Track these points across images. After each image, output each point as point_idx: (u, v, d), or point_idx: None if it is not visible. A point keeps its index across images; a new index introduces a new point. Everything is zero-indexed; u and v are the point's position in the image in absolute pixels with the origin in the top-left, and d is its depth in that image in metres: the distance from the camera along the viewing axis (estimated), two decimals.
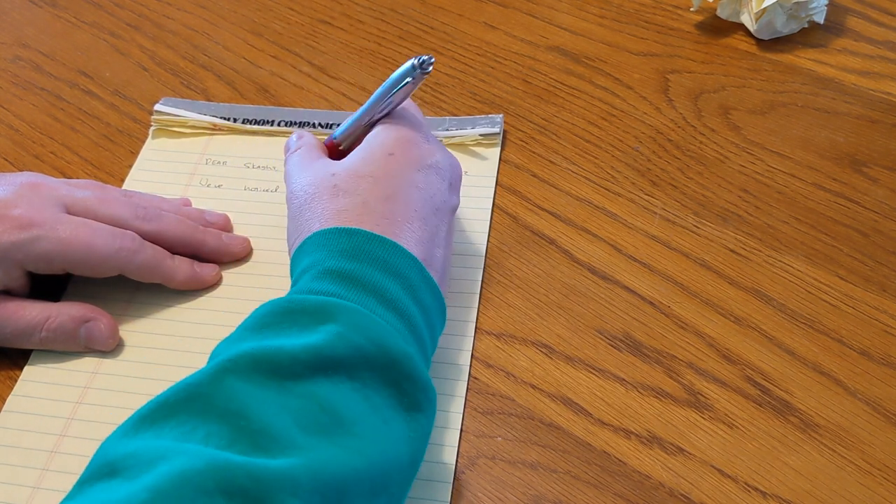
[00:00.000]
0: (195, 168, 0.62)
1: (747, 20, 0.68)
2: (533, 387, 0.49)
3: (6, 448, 0.47)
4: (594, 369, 0.50)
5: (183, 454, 0.33)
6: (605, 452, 0.46)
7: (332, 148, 0.55)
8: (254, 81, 0.68)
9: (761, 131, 0.62)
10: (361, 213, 0.46)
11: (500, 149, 0.62)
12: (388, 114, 0.52)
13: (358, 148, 0.51)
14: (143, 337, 0.52)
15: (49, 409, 0.49)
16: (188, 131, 0.64)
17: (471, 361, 0.50)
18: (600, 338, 0.51)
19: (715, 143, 0.61)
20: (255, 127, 0.64)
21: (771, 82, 0.66)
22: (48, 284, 0.53)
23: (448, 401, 0.48)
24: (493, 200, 0.59)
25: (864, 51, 0.67)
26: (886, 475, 0.45)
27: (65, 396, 0.49)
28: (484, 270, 0.55)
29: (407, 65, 0.50)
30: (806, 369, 0.49)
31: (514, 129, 0.64)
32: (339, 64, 0.70)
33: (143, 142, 0.64)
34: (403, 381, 0.40)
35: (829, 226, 0.56)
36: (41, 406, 0.49)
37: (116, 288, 0.53)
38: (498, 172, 0.60)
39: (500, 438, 0.47)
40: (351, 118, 0.54)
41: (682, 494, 0.45)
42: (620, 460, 0.46)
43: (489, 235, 0.57)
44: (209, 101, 0.67)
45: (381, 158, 0.49)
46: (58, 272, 0.51)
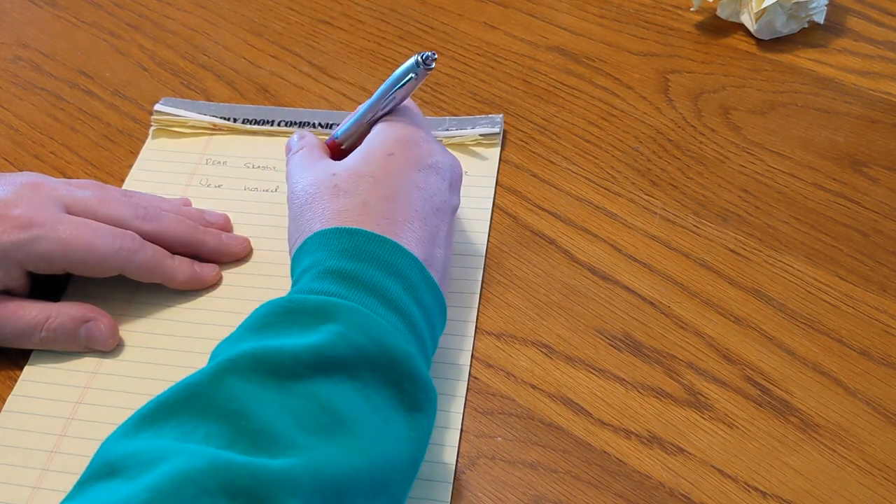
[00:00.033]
0: (195, 168, 0.62)
1: (747, 20, 0.68)
2: (533, 387, 0.49)
3: (6, 448, 0.47)
4: (594, 369, 0.50)
5: (183, 454, 0.33)
6: (605, 452, 0.46)
7: (334, 147, 0.55)
8: (254, 81, 0.68)
9: (761, 131, 0.62)
10: (362, 213, 0.46)
11: (500, 149, 0.62)
12: (390, 112, 0.52)
13: (358, 148, 0.51)
14: (143, 337, 0.52)
15: (49, 409, 0.49)
16: (188, 131, 0.64)
17: (471, 361, 0.50)
18: (600, 338, 0.51)
19: (715, 143, 0.61)
20: (255, 127, 0.64)
21: (771, 82, 0.66)
22: (48, 284, 0.53)
23: (448, 401, 0.48)
24: (493, 200, 0.59)
25: (864, 51, 0.67)
26: (886, 475, 0.45)
27: (65, 396, 0.49)
28: (484, 270, 0.55)
29: (410, 61, 0.50)
30: (806, 369, 0.49)
31: (514, 129, 0.64)
32: (339, 64, 0.70)
33: (143, 142, 0.64)
34: (404, 381, 0.40)
35: (829, 226, 0.56)
36: (41, 406, 0.49)
37: (116, 288, 0.53)
38: (498, 172, 0.60)
39: (500, 438, 0.47)
40: (353, 117, 0.54)
41: (682, 494, 0.45)
42: (620, 460, 0.46)
43: (489, 235, 0.57)
44: (209, 101, 0.67)
45: (382, 158, 0.49)
46: (58, 272, 0.51)
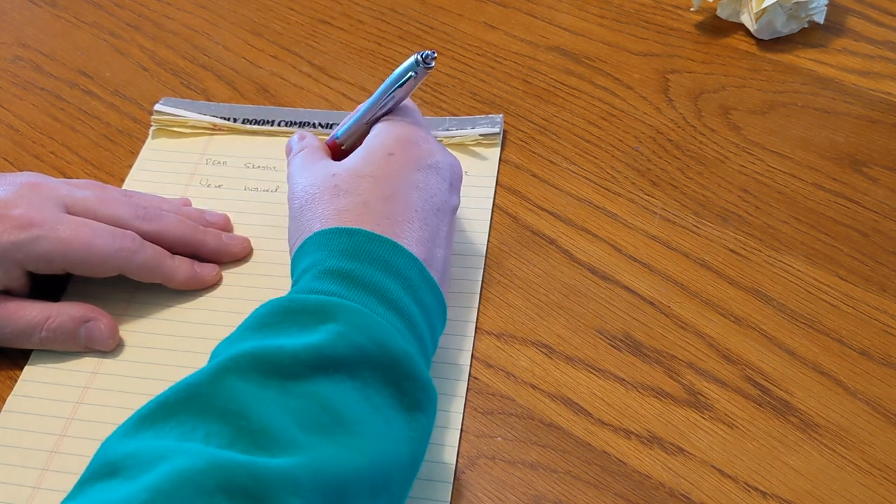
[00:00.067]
0: (195, 168, 0.62)
1: (747, 20, 0.68)
2: (533, 387, 0.49)
3: (6, 448, 0.47)
4: (594, 369, 0.50)
5: (183, 454, 0.33)
6: (605, 452, 0.46)
7: (335, 148, 0.55)
8: (254, 81, 0.68)
9: (761, 131, 0.62)
10: (362, 213, 0.46)
11: (500, 149, 0.62)
12: (390, 111, 0.52)
13: (358, 148, 0.51)
14: (143, 337, 0.52)
15: (49, 409, 0.49)
16: (188, 131, 0.64)
17: (471, 361, 0.50)
18: (600, 338, 0.51)
19: (715, 143, 0.61)
20: (255, 127, 0.64)
21: (771, 82, 0.66)
22: (48, 284, 0.53)
23: (448, 401, 0.48)
24: (493, 200, 0.59)
25: (864, 51, 0.67)
26: (886, 475, 0.45)
27: (65, 396, 0.49)
28: (484, 270, 0.55)
29: (409, 60, 0.51)
30: (806, 369, 0.49)
31: (514, 129, 0.64)
32: (339, 64, 0.70)
33: (143, 142, 0.64)
34: (404, 381, 0.40)
35: (829, 226, 0.56)
36: (41, 406, 0.49)
37: (116, 288, 0.53)
38: (498, 172, 0.60)
39: (500, 438, 0.47)
40: (352, 117, 0.54)
41: (682, 494, 0.45)
42: (620, 460, 0.46)
43: (489, 235, 0.57)
44: (209, 101, 0.67)
45: (382, 158, 0.49)
46: (58, 272, 0.51)
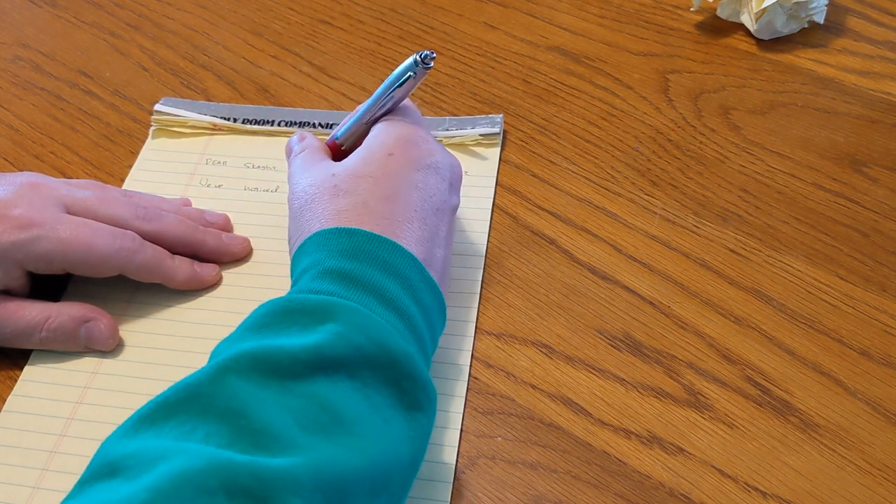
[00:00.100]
0: (195, 168, 0.62)
1: (747, 20, 0.68)
2: (533, 387, 0.49)
3: (6, 448, 0.47)
4: (594, 369, 0.50)
5: (183, 453, 0.33)
6: (605, 452, 0.46)
7: (335, 148, 0.55)
8: (254, 81, 0.68)
9: (761, 131, 0.62)
10: (361, 213, 0.46)
11: (500, 149, 0.62)
12: (389, 111, 0.52)
13: (358, 148, 0.51)
14: (143, 337, 0.52)
15: (49, 409, 0.49)
16: (188, 131, 0.64)
17: (471, 361, 0.50)
18: (600, 338, 0.51)
19: (715, 143, 0.61)
20: (255, 127, 0.64)
21: (771, 82, 0.66)
22: (48, 284, 0.53)
23: (448, 401, 0.48)
24: (493, 200, 0.59)
25: (864, 51, 0.67)
26: (886, 475, 0.45)
27: (65, 396, 0.49)
28: (484, 270, 0.55)
29: (408, 60, 0.51)
30: (806, 369, 0.49)
31: (514, 129, 0.64)
32: (339, 64, 0.70)
33: (143, 142, 0.64)
34: (404, 381, 0.40)
35: (829, 226, 0.56)
36: (41, 406, 0.49)
37: (116, 288, 0.53)
38: (498, 172, 0.60)
39: (500, 438, 0.47)
40: (352, 117, 0.54)
41: (682, 494, 0.45)
42: (620, 460, 0.46)
43: (489, 235, 0.57)
44: (209, 101, 0.67)
45: (381, 158, 0.49)
46: (58, 272, 0.51)
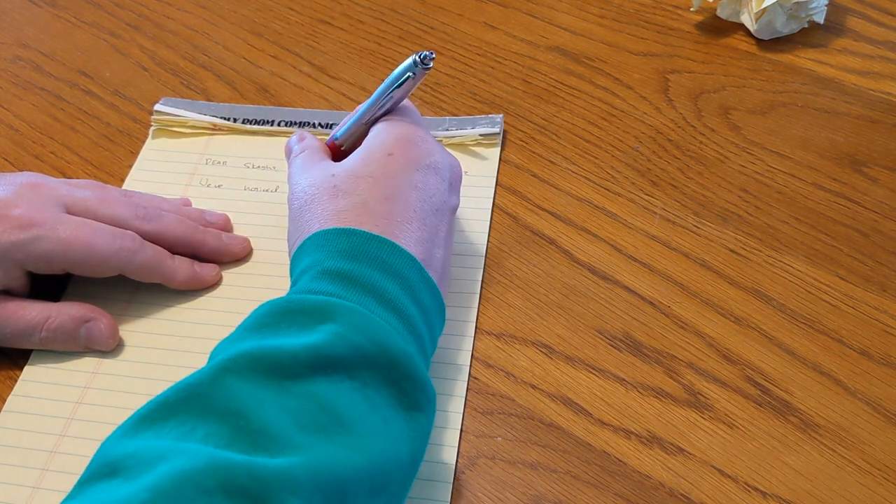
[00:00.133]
0: (195, 168, 0.62)
1: (747, 20, 0.68)
2: (533, 387, 0.49)
3: (6, 448, 0.47)
4: (594, 369, 0.50)
5: (183, 454, 0.33)
6: (605, 452, 0.46)
7: (335, 149, 0.55)
8: (254, 81, 0.68)
9: (761, 131, 0.62)
10: (361, 213, 0.46)
11: (500, 149, 0.62)
12: (389, 111, 0.52)
13: (358, 149, 0.51)
14: (143, 337, 0.52)
15: (49, 409, 0.49)
16: (188, 131, 0.64)
17: (471, 361, 0.50)
18: (600, 338, 0.51)
19: (715, 143, 0.61)
20: (255, 127, 0.64)
21: (771, 82, 0.65)
22: (48, 284, 0.53)
23: (448, 401, 0.48)
24: (493, 200, 0.59)
25: (864, 51, 0.67)
26: (886, 475, 0.45)
27: (65, 396, 0.49)
28: (484, 270, 0.55)
29: (408, 61, 0.51)
30: (806, 369, 0.49)
31: (514, 129, 0.64)
32: (339, 64, 0.70)
33: (143, 142, 0.64)
34: (403, 381, 0.40)
35: (829, 226, 0.56)
36: (41, 406, 0.49)
37: (116, 288, 0.53)
38: (498, 172, 0.60)
39: (500, 438, 0.47)
40: (351, 118, 0.54)
41: (682, 494, 0.45)
42: (620, 460, 0.46)
43: (489, 235, 0.57)
44: (209, 101, 0.67)
45: (381, 159, 0.49)
46: (58, 272, 0.51)
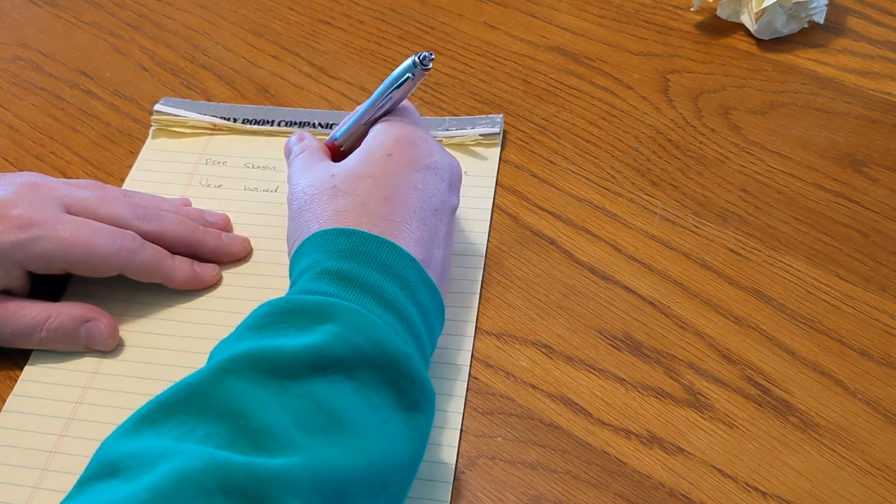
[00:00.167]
0: (195, 168, 0.62)
1: (747, 20, 0.68)
2: (533, 387, 0.49)
3: (6, 448, 0.47)
4: (594, 369, 0.50)
5: (183, 454, 0.33)
6: (605, 452, 0.46)
7: (334, 149, 0.55)
8: (254, 81, 0.68)
9: (761, 131, 0.62)
10: (360, 213, 0.46)
11: (500, 149, 0.62)
12: (388, 112, 0.52)
13: (357, 149, 0.51)
14: (143, 337, 0.52)
15: (49, 409, 0.49)
16: (188, 131, 0.64)
17: (471, 361, 0.50)
18: (600, 338, 0.51)
19: (715, 143, 0.61)
20: (255, 127, 0.64)
21: (771, 82, 0.65)
22: (48, 284, 0.53)
23: (448, 401, 0.48)
24: (493, 200, 0.59)
25: (864, 51, 0.67)
26: (886, 475, 0.45)
27: (65, 396, 0.49)
28: (484, 270, 0.55)
29: (407, 61, 0.51)
30: (806, 369, 0.49)
31: (514, 129, 0.64)
32: (339, 64, 0.70)
33: (143, 142, 0.64)
34: (402, 381, 0.40)
35: (829, 226, 0.56)
36: (41, 406, 0.49)
37: (116, 288, 0.53)
38: (498, 172, 0.60)
39: (500, 438, 0.47)
40: (351, 118, 0.54)
41: (682, 494, 0.45)
42: (620, 460, 0.46)
43: (489, 235, 0.57)
44: (209, 101, 0.67)
45: (380, 159, 0.49)
46: (58, 272, 0.51)
